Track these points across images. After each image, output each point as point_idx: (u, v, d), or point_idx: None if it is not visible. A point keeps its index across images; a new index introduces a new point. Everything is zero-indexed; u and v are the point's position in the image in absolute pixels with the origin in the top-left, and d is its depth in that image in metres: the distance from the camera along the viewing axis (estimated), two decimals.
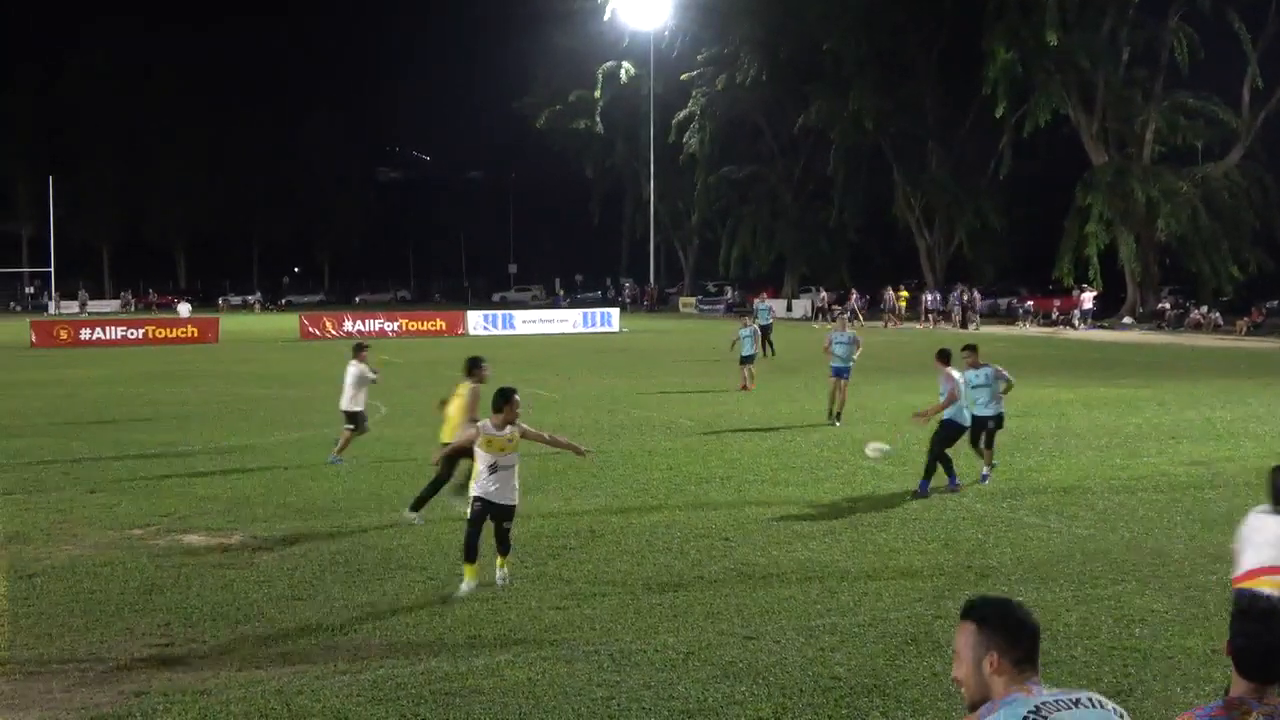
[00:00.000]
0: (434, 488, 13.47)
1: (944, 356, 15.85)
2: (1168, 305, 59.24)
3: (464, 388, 13.52)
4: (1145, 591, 10.67)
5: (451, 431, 13.16)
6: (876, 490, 15.57)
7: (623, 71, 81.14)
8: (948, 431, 15.51)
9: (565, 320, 59.28)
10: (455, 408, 13.57)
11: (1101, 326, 57.08)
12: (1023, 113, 59.97)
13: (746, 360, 28.75)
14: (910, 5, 64.47)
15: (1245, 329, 52.07)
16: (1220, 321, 54.44)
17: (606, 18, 78.04)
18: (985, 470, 16.04)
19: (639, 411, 24.15)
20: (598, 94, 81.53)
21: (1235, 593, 6.74)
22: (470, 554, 10.69)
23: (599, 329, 57.43)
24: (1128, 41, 59.21)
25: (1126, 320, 58.36)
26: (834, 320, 38.21)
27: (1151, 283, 61.39)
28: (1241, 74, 57.69)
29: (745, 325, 29.74)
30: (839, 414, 22.32)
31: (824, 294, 71.46)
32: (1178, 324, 56.13)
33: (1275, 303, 59.56)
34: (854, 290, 66.09)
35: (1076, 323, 57.55)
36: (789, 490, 15.61)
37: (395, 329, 54.22)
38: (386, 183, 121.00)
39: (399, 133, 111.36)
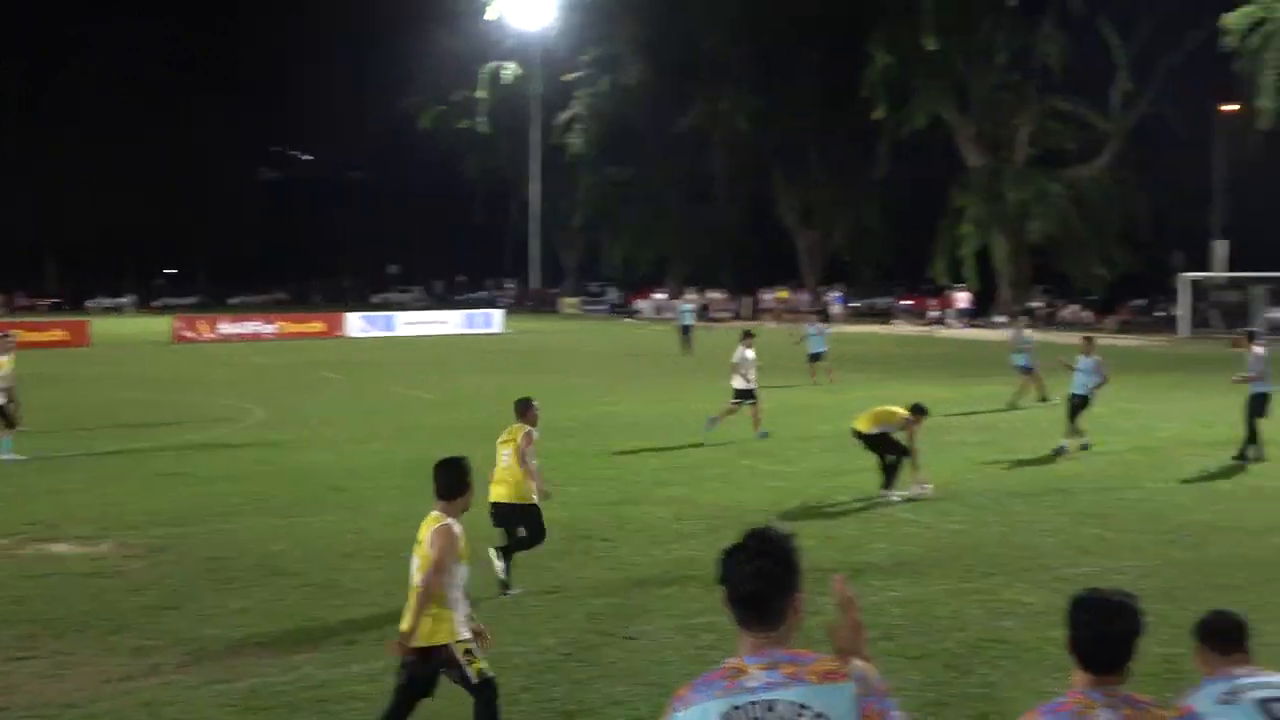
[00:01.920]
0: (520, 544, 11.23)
1: None
2: (1040, 304, 60.64)
3: (518, 431, 11.40)
4: (1015, 584, 10.93)
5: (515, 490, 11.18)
6: (756, 490, 15.71)
7: (507, 72, 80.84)
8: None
9: (447, 321, 58.86)
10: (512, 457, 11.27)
11: (975, 325, 58.23)
12: (901, 115, 60.92)
13: (815, 358, 29.61)
14: (791, 8, 65.09)
15: (1114, 327, 53.54)
16: (1089, 319, 55.88)
17: (491, 18, 77.71)
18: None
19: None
20: (482, 94, 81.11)
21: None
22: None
23: (481, 330, 57.14)
24: (1003, 47, 60.46)
25: (999, 319, 59.60)
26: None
27: (1024, 282, 62.77)
28: (1111, 79, 59.26)
29: (811, 324, 30.78)
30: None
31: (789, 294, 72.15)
32: (1049, 322, 57.49)
33: (1142, 301, 61.32)
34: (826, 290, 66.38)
35: (951, 321, 58.67)
36: (671, 490, 15.69)
37: (272, 331, 53.32)
38: (266, 182, 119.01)
39: (279, 132, 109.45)
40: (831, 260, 75.11)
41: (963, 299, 59.70)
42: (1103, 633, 3.93)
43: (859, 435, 15.31)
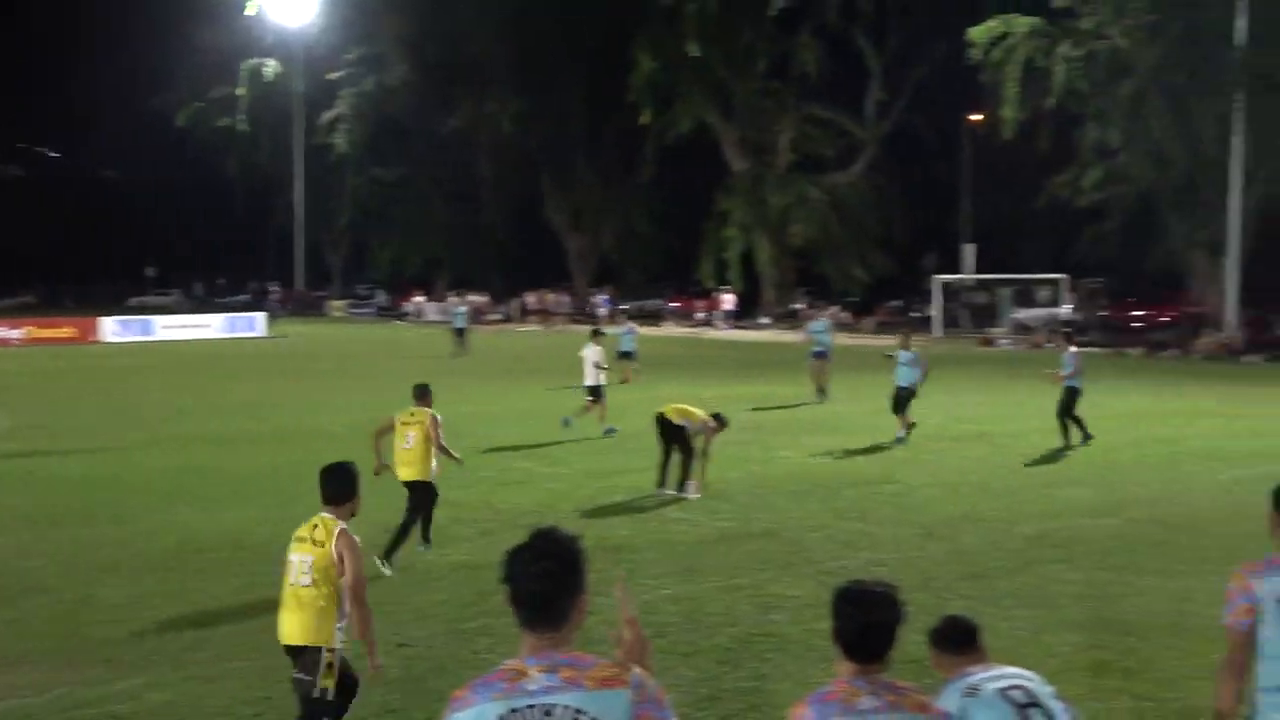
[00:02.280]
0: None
1: None
2: (801, 305, 62.37)
3: (423, 414, 12.69)
4: (783, 579, 11.22)
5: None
6: (531, 491, 15.72)
7: (268, 69, 78.78)
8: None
9: (208, 325, 57.00)
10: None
11: (741, 326, 59.52)
12: (667, 120, 61.80)
13: (624, 356, 29.11)
14: (557, 11, 65.31)
15: (872, 328, 55.50)
16: (849, 321, 57.81)
17: (251, 13, 75.59)
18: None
19: (287, 418, 23.52)
20: (241, 91, 78.83)
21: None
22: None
23: (244, 334, 55.55)
24: (763, 54, 62.01)
25: (764, 320, 61.10)
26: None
27: (786, 284, 64.47)
28: (866, 88, 61.42)
29: (623, 325, 30.83)
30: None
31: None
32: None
33: (898, 302, 63.70)
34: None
35: (718, 323, 59.87)
36: (444, 494, 15.52)
37: (19, 336, 50.64)
38: (10, 181, 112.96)
39: (24, 128, 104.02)
40: (601, 262, 75.67)
41: (728, 301, 61.00)
42: (865, 623, 4.08)
43: (664, 422, 15.49)
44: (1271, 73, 39.85)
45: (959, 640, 5.00)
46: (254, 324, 57.40)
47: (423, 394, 13.04)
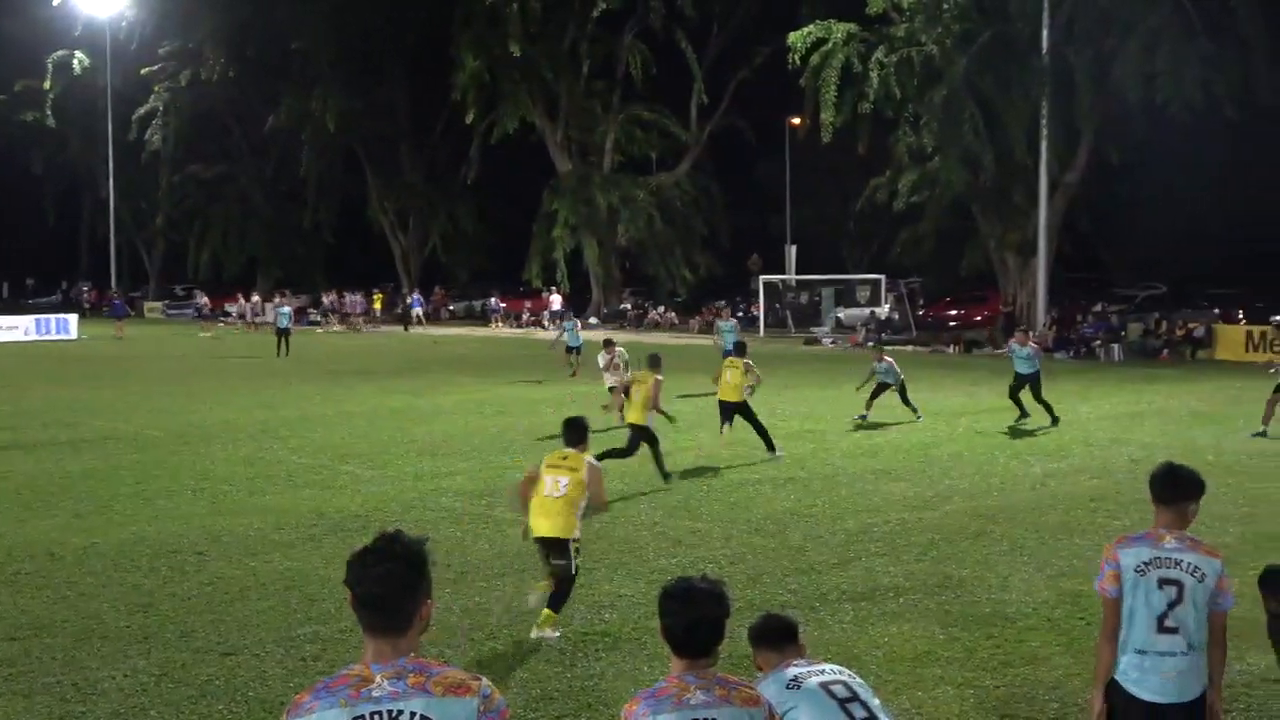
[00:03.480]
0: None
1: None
2: (629, 306, 62.77)
3: (648, 376, 14.99)
4: (614, 577, 11.27)
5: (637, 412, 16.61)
6: (357, 495, 15.48)
7: (76, 62, 75.86)
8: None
9: (16, 327, 54.67)
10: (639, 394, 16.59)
11: (565, 325, 59.43)
12: (492, 119, 61.50)
13: (571, 350, 30.47)
14: (381, 8, 64.46)
15: (698, 327, 56.09)
16: (675, 320, 58.40)
17: (57, 3, 72.72)
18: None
19: (102, 422, 22.73)
20: (47, 85, 75.80)
21: None
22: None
23: (55, 336, 53.52)
24: (587, 55, 62.18)
25: (592, 320, 61.23)
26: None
27: (614, 285, 64.80)
28: (689, 90, 62.07)
29: (567, 319, 30.46)
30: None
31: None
32: (639, 323, 59.56)
33: (722, 302, 64.52)
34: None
35: (546, 324, 59.78)
36: (266, 499, 15.22)
37: None
38: None
39: None
40: (428, 263, 74.97)
41: (556, 301, 61.02)
42: (691, 619, 4.14)
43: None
44: (1073, 81, 41.54)
45: (779, 637, 5.11)
46: (66, 326, 55.28)
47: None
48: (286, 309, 43.60)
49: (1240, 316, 43.18)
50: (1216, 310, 45.50)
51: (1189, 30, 39.66)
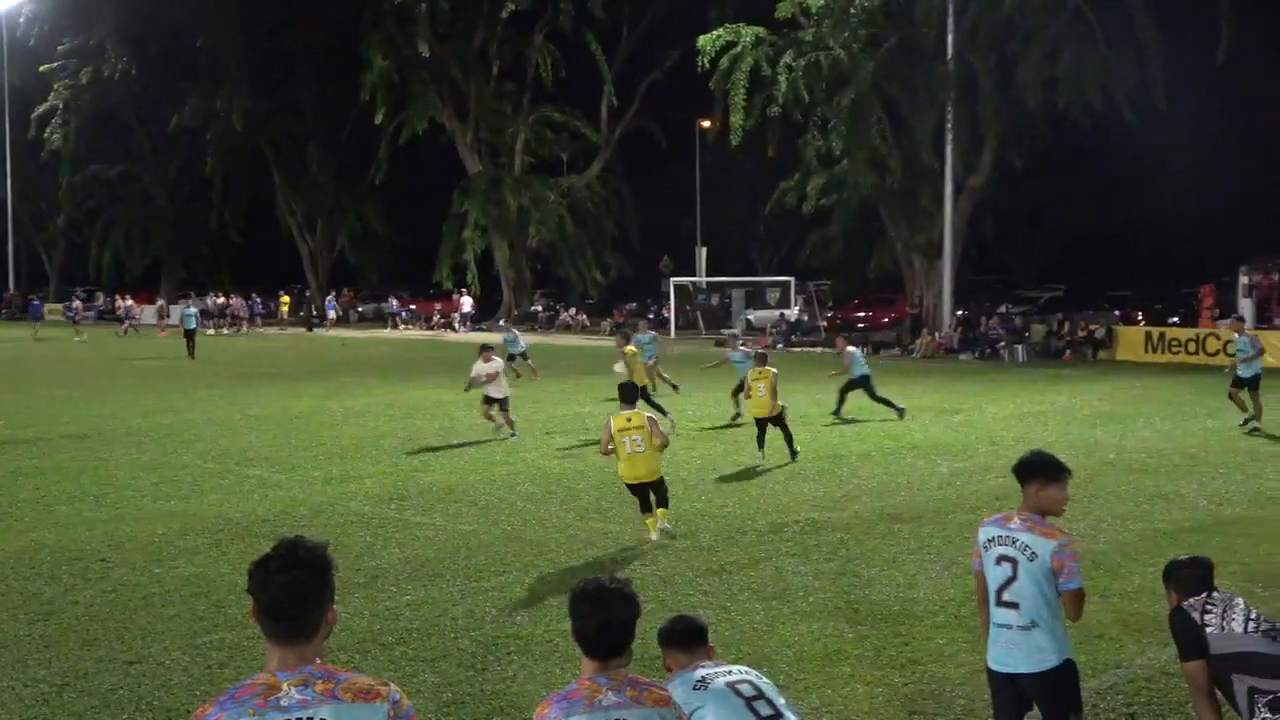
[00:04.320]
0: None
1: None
2: (540, 308, 62.64)
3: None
4: (526, 581, 11.24)
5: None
6: (264, 500, 15.29)
7: None
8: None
9: None
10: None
11: (480, 329, 59.31)
12: (401, 120, 61.04)
13: (513, 358, 29.26)
14: (289, 7, 63.70)
15: (610, 329, 56.15)
16: (586, 322, 58.40)
17: None
18: None
19: (3, 429, 22.22)
20: None
21: None
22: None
23: None
24: (497, 56, 61.96)
25: (502, 322, 61.03)
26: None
27: (525, 287, 64.64)
28: (600, 92, 62.12)
29: (505, 326, 29.45)
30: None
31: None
32: (550, 325, 59.49)
33: (634, 304, 64.69)
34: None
35: (457, 325, 59.51)
36: (171, 504, 14.98)
37: None
38: None
39: None
40: (337, 264, 74.25)
41: (467, 303, 60.74)
42: (601, 621, 4.17)
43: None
44: (977, 86, 42.22)
45: (688, 638, 5.15)
46: None
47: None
48: (193, 310, 43.27)
49: (1139, 318, 44.21)
50: (1116, 312, 46.53)
51: (1089, 37, 40.51)
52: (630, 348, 23.43)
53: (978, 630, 9.59)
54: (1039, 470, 6.16)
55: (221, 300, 63.80)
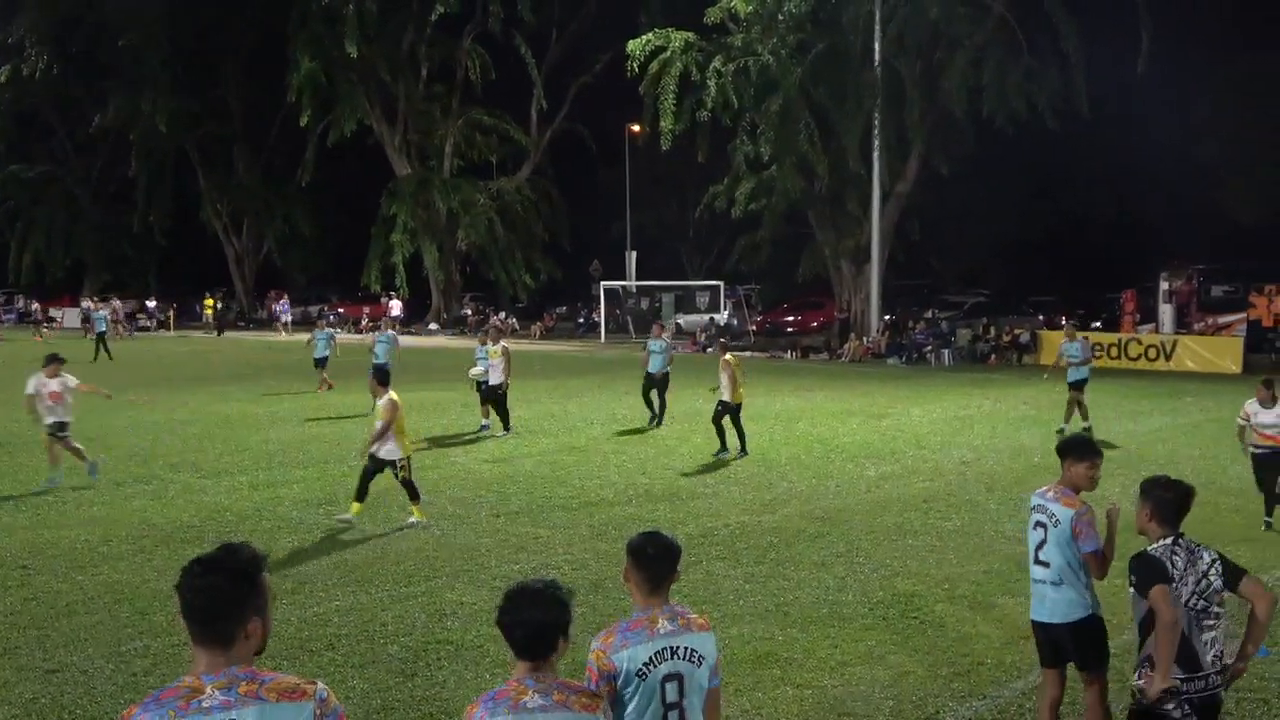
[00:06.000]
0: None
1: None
2: (470, 311, 62.37)
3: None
4: (455, 585, 11.19)
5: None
6: (188, 506, 15.09)
7: None
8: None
9: None
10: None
11: (409, 333, 58.94)
12: (328, 121, 60.51)
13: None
14: (215, 7, 62.91)
15: (540, 333, 56.11)
16: (517, 326, 58.21)
17: None
18: None
19: None
20: None
21: None
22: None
23: None
24: (426, 58, 61.62)
25: (433, 326, 60.77)
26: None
27: (454, 290, 64.33)
28: (530, 95, 61.98)
29: (381, 331, 27.88)
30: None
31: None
32: (479, 329, 59.18)
33: (564, 308, 64.66)
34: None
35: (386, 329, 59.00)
36: (94, 510, 14.75)
37: None
38: None
39: None
40: (264, 267, 73.45)
41: (396, 307, 60.35)
42: (530, 622, 4.17)
43: None
44: (903, 93, 42.65)
45: (657, 562, 4.87)
46: None
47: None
48: (103, 313, 43.21)
49: (1063, 322, 44.81)
50: (1040, 316, 47.17)
51: (1013, 45, 41.08)
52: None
53: (906, 632, 9.74)
54: (1071, 450, 7.12)
55: (89, 304, 61.25)
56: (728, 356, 19.49)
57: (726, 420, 19.27)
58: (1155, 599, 5.65)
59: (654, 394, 23.23)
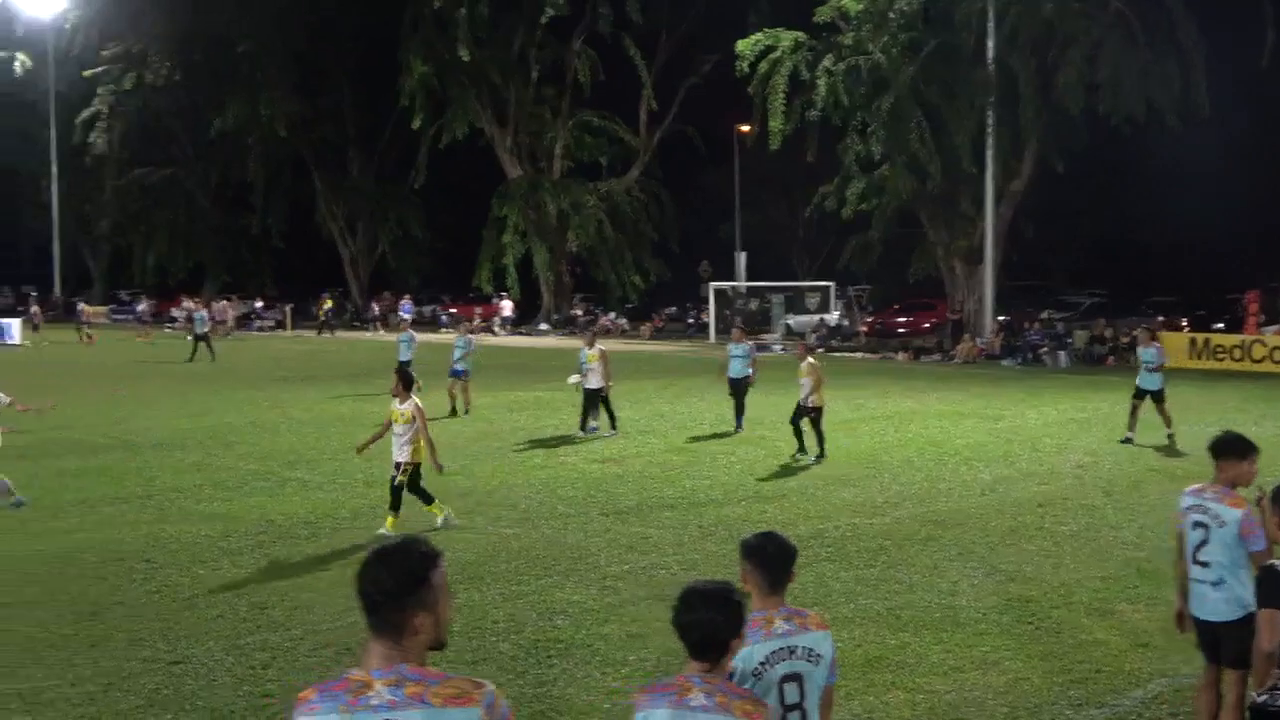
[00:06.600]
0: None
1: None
2: (580, 312, 62.68)
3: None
4: (566, 584, 11.25)
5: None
6: (304, 502, 15.37)
7: (18, 64, 74.77)
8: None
9: None
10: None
11: (520, 333, 59.48)
12: (440, 124, 61.22)
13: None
14: (327, 12, 64.06)
15: (649, 333, 56.20)
16: (626, 327, 58.43)
17: None
18: None
19: (47, 431, 22.40)
20: None
21: None
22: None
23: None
24: (536, 61, 62.05)
25: (543, 326, 61.20)
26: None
27: (564, 291, 64.72)
28: (639, 97, 62.13)
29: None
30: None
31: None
32: (585, 329, 59.41)
33: (674, 309, 64.69)
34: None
35: (497, 329, 59.65)
36: (214, 506, 15.09)
37: None
38: None
39: None
40: (377, 268, 74.61)
41: (507, 307, 60.88)
42: (706, 624, 4.16)
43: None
44: (1017, 90, 41.95)
45: (775, 562, 4.88)
46: (9, 332, 54.18)
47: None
48: (202, 314, 43.87)
49: (1184, 323, 43.77)
50: (1160, 317, 46.09)
51: (1130, 41, 40.18)
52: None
53: (1021, 637, 9.58)
54: (1230, 448, 6.91)
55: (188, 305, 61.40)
56: (811, 359, 19.32)
57: (806, 423, 19.00)
58: (1262, 622, 5.53)
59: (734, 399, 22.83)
